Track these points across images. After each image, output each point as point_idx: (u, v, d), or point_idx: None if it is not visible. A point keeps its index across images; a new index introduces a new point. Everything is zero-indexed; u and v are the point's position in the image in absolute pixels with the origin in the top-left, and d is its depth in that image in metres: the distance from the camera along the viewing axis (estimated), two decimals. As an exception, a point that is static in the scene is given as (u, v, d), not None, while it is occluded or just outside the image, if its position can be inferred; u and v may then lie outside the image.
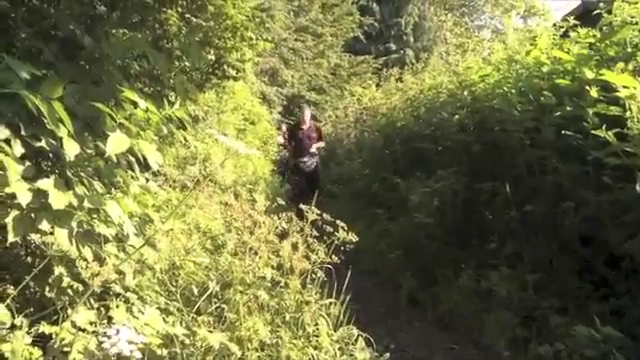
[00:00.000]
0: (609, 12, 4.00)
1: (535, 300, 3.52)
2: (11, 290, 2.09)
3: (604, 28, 4.04)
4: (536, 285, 3.61)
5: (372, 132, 9.36)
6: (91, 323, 1.98)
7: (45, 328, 1.98)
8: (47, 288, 2.25)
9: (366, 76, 19.09)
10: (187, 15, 4.62)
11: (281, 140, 12.01)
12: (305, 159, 9.00)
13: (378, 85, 11.97)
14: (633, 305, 3.14)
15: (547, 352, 3.05)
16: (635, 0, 3.81)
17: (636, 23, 3.72)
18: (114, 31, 3.37)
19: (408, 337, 3.80)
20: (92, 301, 2.24)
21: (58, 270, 2.18)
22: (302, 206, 2.86)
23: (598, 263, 3.45)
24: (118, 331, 1.72)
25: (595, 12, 4.18)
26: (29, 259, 2.39)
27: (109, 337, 1.70)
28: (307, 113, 9.47)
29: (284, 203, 3.07)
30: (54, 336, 1.97)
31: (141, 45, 2.97)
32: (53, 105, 1.84)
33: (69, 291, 2.22)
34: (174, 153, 5.54)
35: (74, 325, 1.94)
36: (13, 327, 1.92)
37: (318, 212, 2.81)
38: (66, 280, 2.19)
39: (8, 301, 1.96)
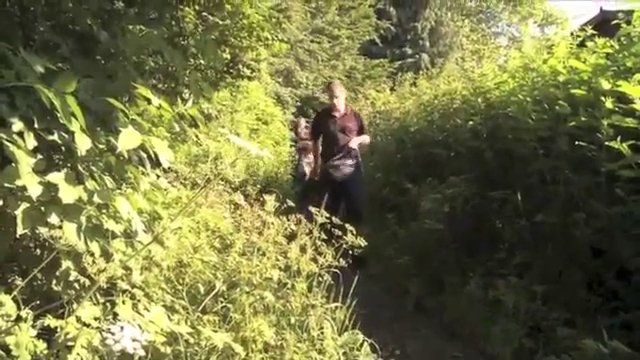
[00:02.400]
0: (628, 23, 3.96)
1: (543, 311, 3.49)
2: (19, 282, 2.10)
3: (622, 38, 4.00)
4: (544, 296, 3.58)
5: (385, 136, 9.29)
6: (96, 319, 1.99)
7: (50, 321, 1.99)
8: (54, 281, 2.26)
9: (381, 79, 19.07)
10: (204, 13, 4.65)
11: (304, 134, 9.47)
12: (337, 162, 6.09)
13: (392, 89, 11.94)
14: (643, 320, 3.11)
15: (554, 364, 3.02)
16: (656, 12, 3.76)
17: (655, 34, 3.68)
18: (131, 27, 3.39)
19: (414, 344, 3.77)
20: (98, 296, 2.25)
21: (65, 264, 2.19)
22: (311, 208, 2.85)
23: (608, 276, 3.42)
24: (122, 328, 1.72)
25: (614, 22, 4.15)
26: (37, 251, 2.41)
27: (113, 334, 1.71)
28: (340, 93, 6.34)
29: (294, 205, 3.07)
30: (59, 330, 1.98)
31: (157, 42, 2.99)
32: (66, 99, 1.85)
33: (76, 285, 2.23)
34: (186, 150, 5.57)
35: (79, 320, 1.94)
36: (19, 319, 1.93)
37: (327, 215, 2.80)
38: (73, 274, 2.21)
39: (15, 292, 1.97)
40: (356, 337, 2.78)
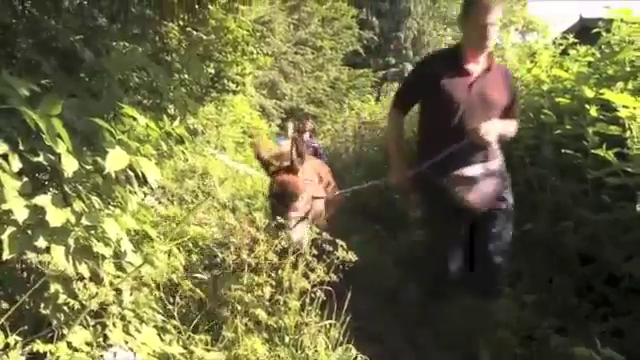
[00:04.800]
0: (608, 31, 4.01)
1: (535, 320, 3.50)
2: (5, 305, 2.06)
3: (603, 47, 4.06)
4: (536, 304, 3.59)
5: (371, 147, 9.28)
6: (87, 343, 1.95)
7: (40, 347, 1.95)
8: (42, 305, 2.22)
9: (365, 90, 19.19)
10: (188, 28, 4.64)
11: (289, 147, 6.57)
12: (472, 171, 3.17)
13: (378, 99, 11.98)
14: (633, 325, 3.12)
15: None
16: (634, 21, 3.82)
17: (632, 42, 3.73)
18: (114, 44, 3.37)
19: (408, 356, 3.75)
20: (88, 319, 2.21)
21: (54, 287, 2.16)
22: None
23: (598, 282, 3.43)
24: (115, 354, 1.70)
25: (594, 30, 4.20)
26: (24, 274, 2.37)
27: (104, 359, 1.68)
28: (495, 20, 3.10)
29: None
30: (49, 355, 1.94)
31: (141, 59, 2.97)
32: (52, 121, 1.83)
33: (65, 308, 2.20)
34: (172, 166, 5.53)
35: (70, 345, 1.91)
36: (7, 346, 1.89)
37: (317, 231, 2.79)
38: (62, 297, 2.17)
39: (2, 320, 1.94)
40: (350, 353, 2.76)
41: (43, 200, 1.94)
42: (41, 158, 2.16)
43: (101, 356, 1.70)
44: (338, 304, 2.85)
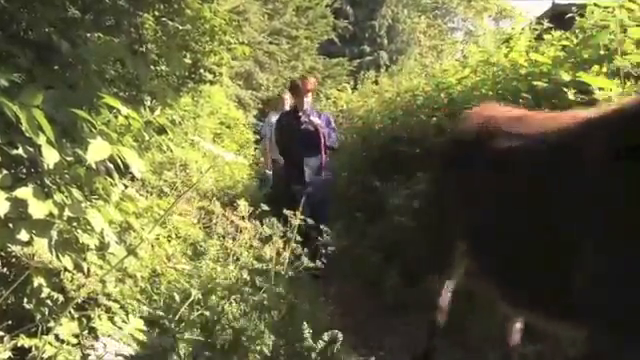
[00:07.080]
0: (581, 15, 4.06)
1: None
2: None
3: (577, 31, 4.10)
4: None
5: (350, 135, 9.28)
6: (75, 336, 1.93)
7: (24, 341, 1.93)
8: (25, 300, 2.19)
9: (341, 79, 19.14)
10: (163, 19, 4.57)
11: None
12: None
13: (354, 88, 11.98)
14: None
15: (531, 352, 3.06)
16: (606, 5, 3.86)
17: (607, 26, 3.77)
18: (89, 35, 3.31)
19: (393, 340, 3.78)
20: (72, 311, 2.19)
21: (37, 281, 2.13)
22: (286, 211, 2.83)
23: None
24: (105, 345, 1.68)
25: (568, 15, 4.25)
26: (5, 269, 2.33)
27: (95, 349, 1.66)
28: None
29: (267, 208, 3.03)
30: (34, 349, 1.92)
31: (120, 50, 2.93)
32: (33, 112, 1.80)
33: (48, 302, 2.17)
34: (150, 158, 5.46)
35: (57, 338, 1.89)
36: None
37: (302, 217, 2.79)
38: (45, 290, 2.14)
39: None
40: (336, 336, 2.77)
41: (24, 192, 1.91)
42: (20, 150, 2.13)
43: (92, 346, 1.69)
44: (323, 288, 2.87)
